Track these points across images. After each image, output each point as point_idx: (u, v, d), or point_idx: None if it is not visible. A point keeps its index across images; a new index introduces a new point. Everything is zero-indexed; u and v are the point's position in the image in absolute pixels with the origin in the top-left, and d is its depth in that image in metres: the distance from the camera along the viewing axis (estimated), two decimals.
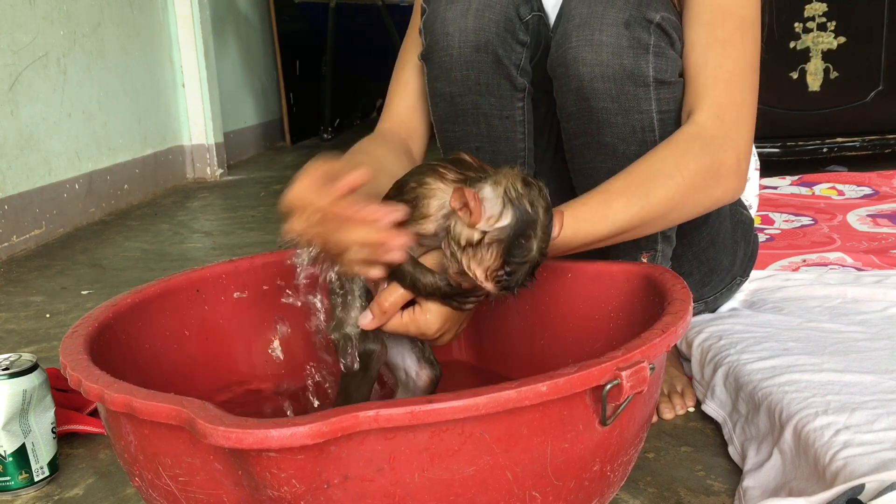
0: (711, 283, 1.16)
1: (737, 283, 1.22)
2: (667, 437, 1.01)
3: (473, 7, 0.99)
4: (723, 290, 1.20)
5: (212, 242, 2.28)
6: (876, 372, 0.94)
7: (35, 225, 2.30)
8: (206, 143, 3.40)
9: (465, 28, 0.99)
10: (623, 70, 0.93)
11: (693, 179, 0.87)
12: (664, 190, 0.86)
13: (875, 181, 2.28)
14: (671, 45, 0.94)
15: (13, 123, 2.23)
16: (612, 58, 0.92)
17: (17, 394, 0.93)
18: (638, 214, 0.84)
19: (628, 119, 0.95)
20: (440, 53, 1.00)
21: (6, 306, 1.74)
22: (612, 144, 0.96)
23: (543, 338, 0.96)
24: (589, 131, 0.98)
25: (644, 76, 0.93)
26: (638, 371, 0.63)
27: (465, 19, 0.99)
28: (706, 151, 0.89)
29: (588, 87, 0.94)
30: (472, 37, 0.99)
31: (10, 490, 0.96)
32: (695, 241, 1.10)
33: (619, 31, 0.92)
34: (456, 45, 0.99)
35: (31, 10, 2.33)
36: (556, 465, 0.63)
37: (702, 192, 0.89)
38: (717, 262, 1.14)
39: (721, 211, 1.10)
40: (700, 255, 1.11)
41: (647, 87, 0.93)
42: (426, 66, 1.02)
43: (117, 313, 0.85)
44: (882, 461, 0.74)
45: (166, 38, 3.25)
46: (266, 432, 0.54)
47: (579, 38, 0.93)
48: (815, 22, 2.58)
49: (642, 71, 0.93)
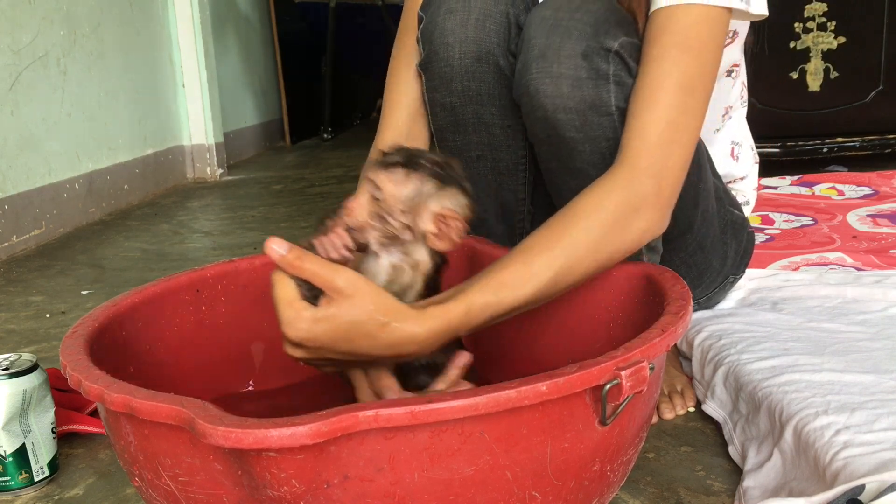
0: (702, 285, 1.16)
1: (730, 282, 1.22)
2: (667, 437, 1.01)
3: (473, 17, 0.98)
4: (715, 290, 1.20)
5: (212, 242, 2.28)
6: (876, 372, 0.94)
7: (35, 225, 2.30)
8: (206, 143, 3.40)
9: (465, 39, 0.98)
10: (584, 101, 0.91)
11: (612, 216, 0.81)
12: (586, 234, 0.80)
13: (875, 181, 2.28)
14: (629, 72, 0.91)
15: (13, 123, 2.23)
16: (572, 90, 0.91)
17: (17, 394, 0.93)
18: (564, 266, 0.78)
19: (596, 146, 0.93)
20: (440, 64, 1.00)
21: (6, 306, 1.74)
22: (583, 169, 0.95)
23: (543, 338, 0.96)
24: (560, 157, 0.97)
25: (606, 105, 0.91)
26: (638, 371, 0.63)
27: (465, 30, 0.98)
28: (629, 182, 0.83)
29: (552, 117, 0.93)
30: (472, 47, 0.98)
31: (10, 490, 0.96)
32: (681, 247, 1.09)
33: (578, 63, 0.90)
34: (456, 55, 0.98)
35: (31, 10, 2.33)
36: (556, 465, 0.63)
37: (624, 229, 0.82)
38: (706, 264, 1.14)
39: (708, 214, 1.09)
40: (688, 260, 1.11)
41: (611, 116, 0.92)
42: (425, 77, 1.02)
43: (117, 313, 0.85)
44: (882, 461, 0.74)
45: (166, 38, 3.25)
46: (266, 432, 0.54)
47: (539, 70, 0.91)
48: (815, 22, 2.58)
49: (603, 100, 0.91)
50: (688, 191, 1.04)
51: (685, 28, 0.86)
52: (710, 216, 1.10)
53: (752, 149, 1.24)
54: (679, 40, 0.86)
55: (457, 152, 1.07)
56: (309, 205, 2.73)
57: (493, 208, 1.11)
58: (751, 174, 1.23)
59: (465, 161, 1.08)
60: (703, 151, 1.08)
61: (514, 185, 1.09)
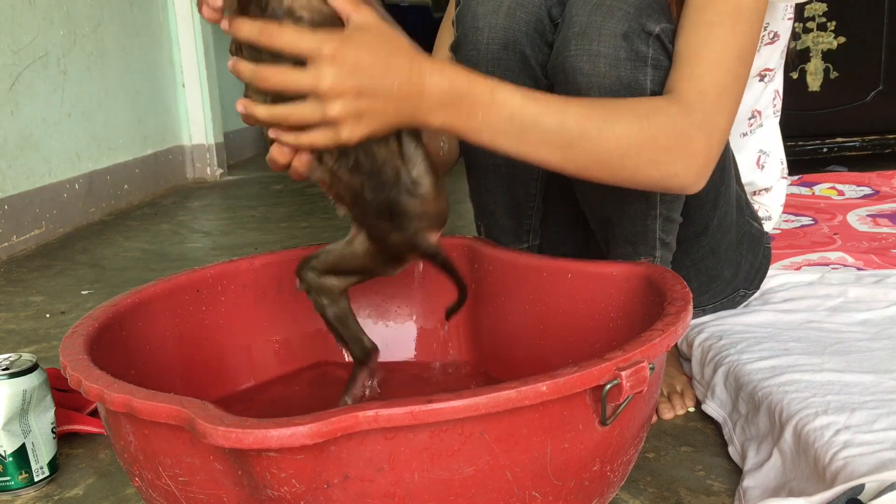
0: (710, 292, 1.16)
1: (741, 295, 1.21)
2: (667, 437, 1.01)
3: (505, 4, 0.99)
4: (723, 300, 1.19)
5: (212, 242, 2.28)
6: (876, 372, 0.94)
7: (35, 225, 2.30)
8: (206, 143, 3.40)
9: (494, 25, 0.99)
10: (620, 82, 0.91)
11: (658, 133, 0.80)
12: (625, 126, 0.79)
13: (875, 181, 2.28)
14: (669, 56, 0.92)
15: (13, 123, 2.23)
16: (609, 69, 0.91)
17: (17, 394, 0.93)
18: (591, 130, 0.78)
19: None
20: (468, 47, 1.01)
21: (6, 306, 1.74)
22: None
23: (543, 338, 0.96)
24: None
25: (642, 88, 0.91)
26: (638, 371, 0.63)
27: (496, 16, 0.99)
28: (682, 118, 0.83)
29: (586, 95, 0.93)
30: (500, 34, 0.99)
31: (10, 490, 0.96)
32: (693, 250, 1.09)
33: (618, 43, 0.90)
34: (484, 40, 1.00)
35: (31, 10, 2.33)
36: (556, 465, 0.63)
37: (662, 154, 0.81)
38: (716, 271, 1.13)
39: (726, 220, 1.09)
40: (699, 264, 1.10)
41: None
42: (455, 58, 1.03)
43: (117, 313, 0.85)
44: (882, 461, 0.74)
45: (166, 38, 3.25)
46: (266, 432, 0.54)
47: (577, 48, 0.92)
48: (815, 22, 2.58)
49: (640, 83, 0.91)
50: (709, 192, 1.03)
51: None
52: (728, 223, 1.10)
53: (782, 162, 1.22)
54: (733, 8, 0.87)
55: None
56: (309, 205, 2.73)
57: (502, 201, 1.11)
58: (776, 188, 1.21)
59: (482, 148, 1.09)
60: (730, 156, 1.08)
61: (527, 180, 1.09)
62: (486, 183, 1.11)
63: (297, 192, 2.96)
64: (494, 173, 1.09)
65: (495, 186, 1.10)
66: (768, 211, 1.22)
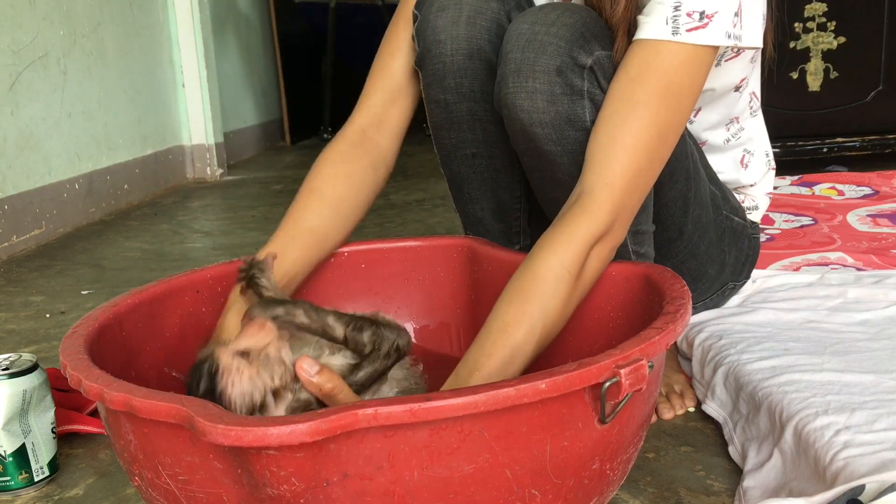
0: (697, 291, 1.15)
1: (730, 289, 1.21)
2: (667, 437, 1.01)
3: (465, 14, 0.98)
4: (713, 297, 1.19)
5: (212, 242, 2.28)
6: (876, 372, 0.94)
7: (35, 225, 2.30)
8: (206, 143, 3.40)
9: (456, 36, 0.99)
10: (559, 116, 0.91)
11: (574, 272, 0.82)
12: (557, 299, 0.81)
13: (875, 181, 2.28)
14: (602, 89, 0.91)
15: (13, 123, 2.24)
16: (547, 105, 0.91)
17: (17, 394, 0.93)
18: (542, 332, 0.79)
19: (574, 159, 0.93)
20: (433, 61, 1.00)
21: (6, 306, 1.74)
22: (564, 180, 0.95)
23: None
24: (541, 167, 0.97)
25: (581, 121, 0.91)
26: (637, 369, 0.63)
27: (457, 27, 0.99)
28: (588, 223, 0.83)
29: (529, 130, 0.93)
30: (464, 44, 0.99)
31: (10, 490, 0.96)
32: (672, 254, 1.09)
33: (552, 79, 0.90)
34: (448, 52, 0.99)
35: (31, 10, 2.33)
36: (556, 464, 0.63)
37: (595, 275, 0.85)
38: (700, 272, 1.13)
39: (701, 223, 1.09)
40: (680, 266, 1.10)
41: (587, 131, 0.91)
42: (421, 73, 1.03)
43: (117, 313, 0.85)
44: (882, 461, 0.74)
45: (166, 38, 3.25)
46: (265, 430, 0.54)
47: (515, 85, 0.92)
48: (815, 22, 2.58)
49: (579, 116, 0.91)
50: (676, 200, 1.04)
51: (671, 71, 0.85)
52: (704, 224, 1.10)
53: (768, 155, 1.21)
54: (662, 87, 0.85)
55: (452, 150, 1.07)
56: None
57: (489, 206, 1.11)
58: (762, 181, 1.21)
59: (460, 159, 1.08)
60: (697, 160, 1.07)
61: (511, 183, 1.09)
62: (470, 192, 1.11)
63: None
64: (478, 182, 1.09)
65: (480, 194, 1.10)
66: (755, 200, 1.21)
